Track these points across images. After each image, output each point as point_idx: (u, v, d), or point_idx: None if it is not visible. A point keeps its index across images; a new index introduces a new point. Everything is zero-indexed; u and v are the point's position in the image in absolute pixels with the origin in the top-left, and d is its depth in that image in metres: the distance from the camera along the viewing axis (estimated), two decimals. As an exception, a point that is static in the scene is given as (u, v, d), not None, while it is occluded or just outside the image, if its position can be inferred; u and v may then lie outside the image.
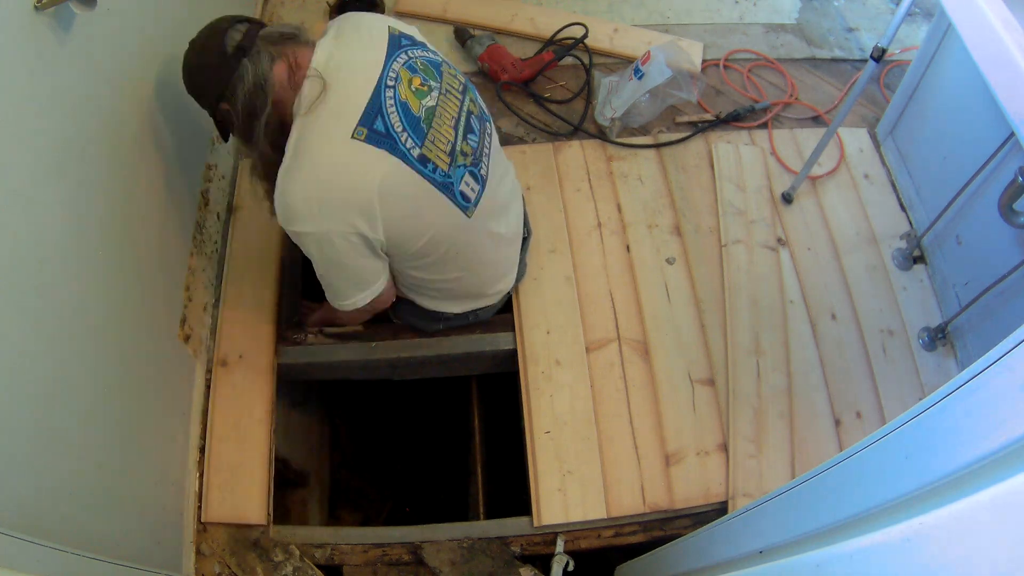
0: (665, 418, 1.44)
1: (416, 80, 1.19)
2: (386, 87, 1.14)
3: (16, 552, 0.73)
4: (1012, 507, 0.43)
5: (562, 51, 1.95)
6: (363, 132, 1.10)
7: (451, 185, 1.21)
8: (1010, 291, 1.36)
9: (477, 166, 1.26)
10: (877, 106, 1.92)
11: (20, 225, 0.85)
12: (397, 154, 1.13)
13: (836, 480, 0.68)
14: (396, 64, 1.17)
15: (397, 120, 1.13)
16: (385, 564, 1.33)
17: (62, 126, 0.95)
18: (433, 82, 1.21)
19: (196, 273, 1.43)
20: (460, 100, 1.25)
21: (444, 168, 1.19)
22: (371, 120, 1.11)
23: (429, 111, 1.18)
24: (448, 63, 1.29)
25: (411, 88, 1.17)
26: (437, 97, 1.20)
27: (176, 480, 1.28)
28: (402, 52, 1.20)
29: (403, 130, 1.14)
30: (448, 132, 1.20)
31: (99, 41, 1.05)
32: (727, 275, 1.61)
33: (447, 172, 1.20)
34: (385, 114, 1.12)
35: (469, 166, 1.24)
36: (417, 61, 1.21)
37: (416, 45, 1.25)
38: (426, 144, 1.16)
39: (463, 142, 1.23)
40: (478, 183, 1.26)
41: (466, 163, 1.23)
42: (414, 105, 1.16)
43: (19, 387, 0.83)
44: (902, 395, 1.49)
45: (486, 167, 1.29)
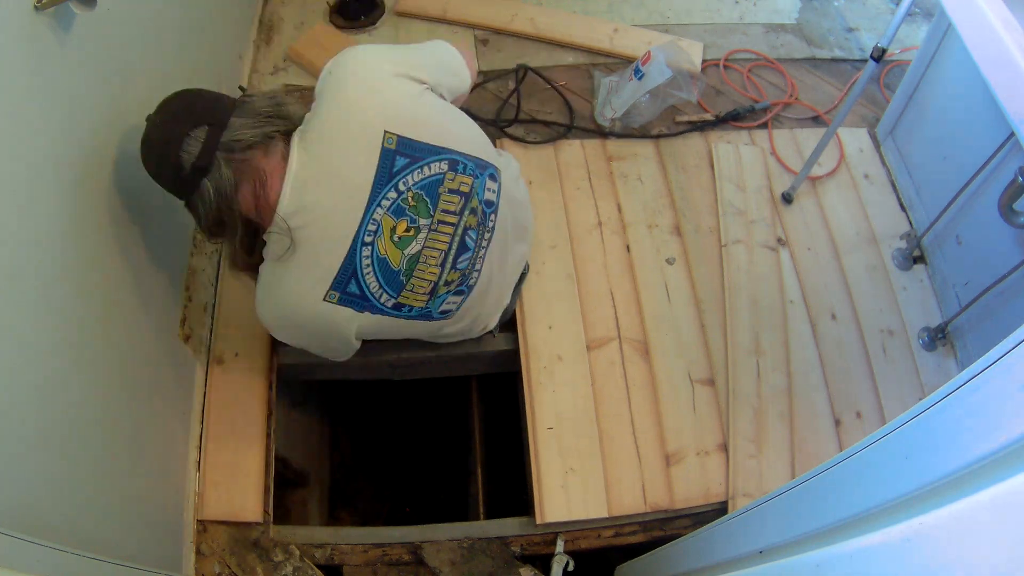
0: (665, 418, 1.44)
1: (401, 225, 1.08)
2: (363, 244, 1.05)
3: (16, 552, 0.73)
4: (1012, 507, 0.43)
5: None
6: (335, 296, 1.08)
7: (429, 313, 1.22)
8: (1010, 291, 1.36)
9: (465, 282, 1.23)
10: (877, 106, 1.92)
11: (20, 224, 0.85)
12: (372, 310, 1.13)
13: (836, 480, 0.68)
14: (379, 211, 1.05)
15: (373, 279, 1.10)
16: (385, 564, 1.33)
17: (62, 126, 0.95)
18: (423, 219, 1.10)
19: (196, 273, 1.43)
20: (455, 224, 1.14)
21: (421, 306, 1.19)
22: (344, 284, 1.07)
23: (412, 260, 1.11)
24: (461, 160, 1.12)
25: (393, 238, 1.08)
26: (424, 239, 1.11)
27: (176, 480, 1.28)
28: (391, 186, 1.05)
29: (379, 288, 1.11)
30: (432, 272, 1.15)
31: (99, 41, 1.05)
32: (727, 275, 1.61)
33: (424, 307, 1.20)
34: (360, 276, 1.07)
35: (453, 291, 1.22)
36: (409, 197, 1.07)
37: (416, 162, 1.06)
38: (403, 294, 1.15)
39: (450, 271, 1.18)
40: (462, 296, 1.26)
41: (450, 289, 1.21)
42: (394, 259, 1.09)
43: (19, 387, 0.83)
44: (902, 395, 1.49)
45: (478, 274, 1.25)
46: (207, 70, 1.58)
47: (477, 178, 1.16)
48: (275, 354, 1.49)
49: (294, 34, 1.99)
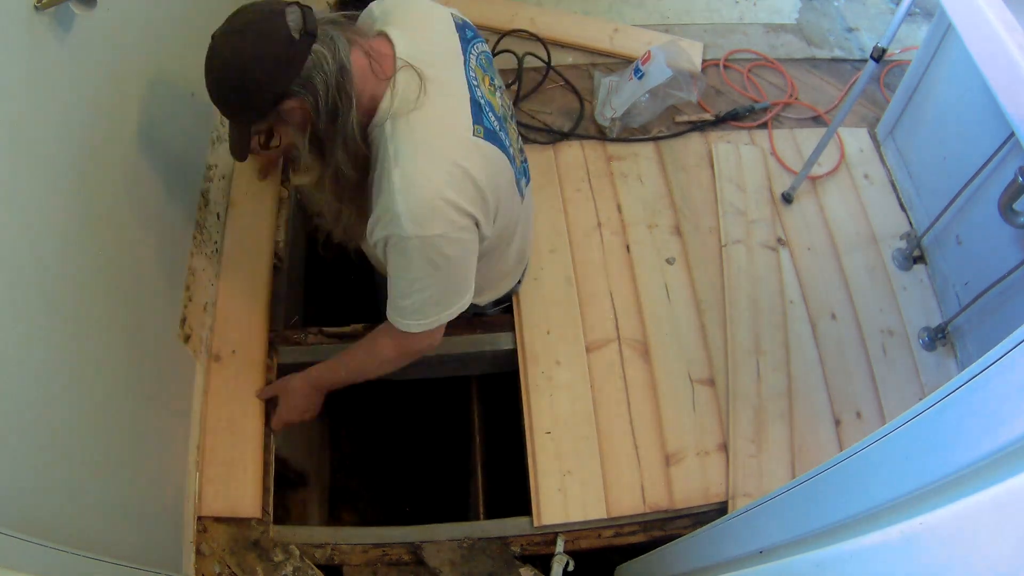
0: (665, 418, 1.44)
1: (487, 79, 1.11)
2: (473, 87, 1.04)
3: (16, 552, 0.73)
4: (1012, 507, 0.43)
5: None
6: (480, 130, 1.01)
7: (520, 179, 1.19)
8: (1010, 291, 1.36)
9: (525, 163, 1.26)
10: (877, 106, 1.92)
11: (19, 225, 0.85)
12: (505, 152, 1.07)
13: (836, 480, 0.68)
14: (472, 61, 1.07)
15: (494, 119, 1.06)
16: (385, 564, 1.33)
17: (62, 126, 0.95)
18: (497, 80, 1.15)
19: (196, 273, 1.43)
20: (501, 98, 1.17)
21: (518, 164, 1.17)
22: (480, 117, 1.02)
23: (504, 110, 1.13)
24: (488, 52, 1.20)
25: (488, 88, 1.09)
26: (500, 97, 1.14)
27: (176, 480, 1.28)
28: (471, 46, 1.10)
29: (499, 128, 1.07)
30: (514, 130, 1.18)
31: (99, 41, 1.05)
32: (727, 275, 1.61)
33: (520, 169, 1.18)
34: (485, 112, 1.04)
35: (524, 164, 1.24)
36: (482, 58, 1.12)
37: (477, 38, 1.14)
38: (511, 144, 1.12)
39: (518, 139, 1.21)
40: (525, 176, 1.26)
41: (523, 160, 1.23)
42: (496, 105, 1.10)
43: (19, 387, 0.83)
44: (902, 395, 1.49)
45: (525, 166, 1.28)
46: (207, 70, 1.58)
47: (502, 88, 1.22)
48: (275, 353, 1.49)
49: (294, 34, 1.99)
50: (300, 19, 0.93)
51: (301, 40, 0.92)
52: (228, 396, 1.42)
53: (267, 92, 0.94)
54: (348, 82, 0.95)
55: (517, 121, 1.31)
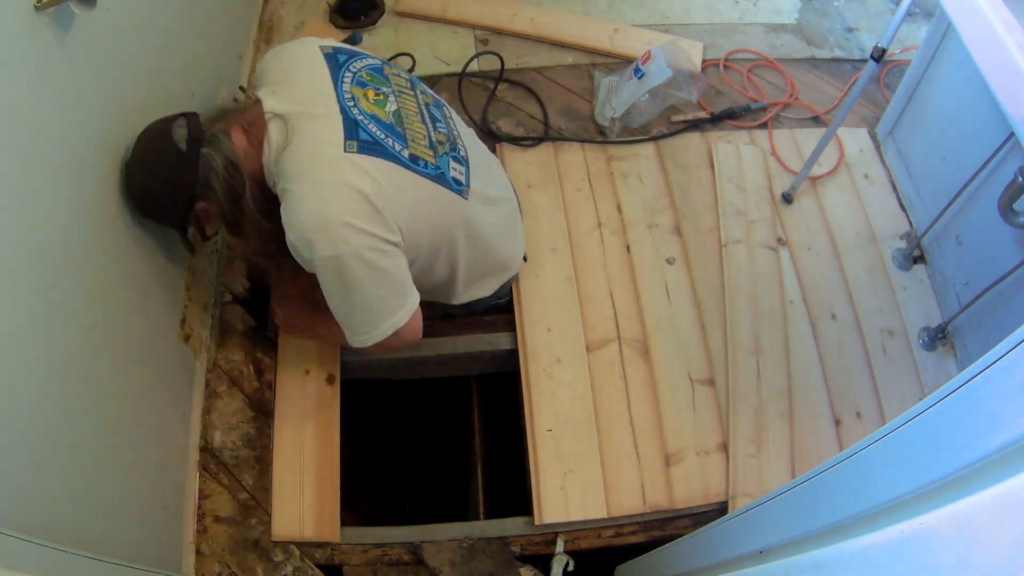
0: (665, 418, 1.44)
1: (370, 92, 1.17)
2: (349, 107, 1.12)
3: (16, 552, 0.73)
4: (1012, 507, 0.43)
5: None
6: (353, 144, 1.08)
7: (443, 175, 1.20)
8: (1010, 291, 1.36)
9: (456, 149, 1.26)
10: (877, 106, 1.92)
11: (19, 224, 0.85)
12: (390, 158, 1.11)
13: (836, 480, 0.68)
14: (345, 85, 1.15)
15: (376, 129, 1.12)
16: (385, 564, 1.33)
17: (62, 126, 0.95)
18: (385, 88, 1.20)
19: (196, 273, 1.43)
20: (414, 95, 1.25)
21: (432, 160, 1.18)
22: (354, 133, 1.09)
23: (395, 114, 1.17)
24: (388, 63, 1.27)
25: (371, 101, 1.15)
26: (395, 100, 1.19)
27: (176, 480, 1.28)
28: (344, 70, 1.17)
29: (385, 136, 1.12)
30: (419, 127, 1.20)
31: (99, 41, 1.05)
32: (727, 275, 1.61)
33: (435, 164, 1.19)
34: (363, 126, 1.11)
35: (449, 152, 1.24)
36: (363, 74, 1.19)
37: (354, 56, 1.22)
38: (409, 143, 1.15)
39: (435, 131, 1.23)
40: (462, 164, 1.26)
41: (446, 150, 1.23)
42: (381, 114, 1.15)
43: (19, 386, 0.83)
44: (902, 395, 1.49)
45: (463, 147, 1.29)
46: (207, 70, 1.58)
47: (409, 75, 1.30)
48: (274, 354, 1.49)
49: (294, 34, 1.99)
50: (185, 130, 1.07)
51: (188, 150, 1.06)
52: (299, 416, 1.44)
53: (176, 205, 1.10)
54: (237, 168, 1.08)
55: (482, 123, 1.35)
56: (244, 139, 1.10)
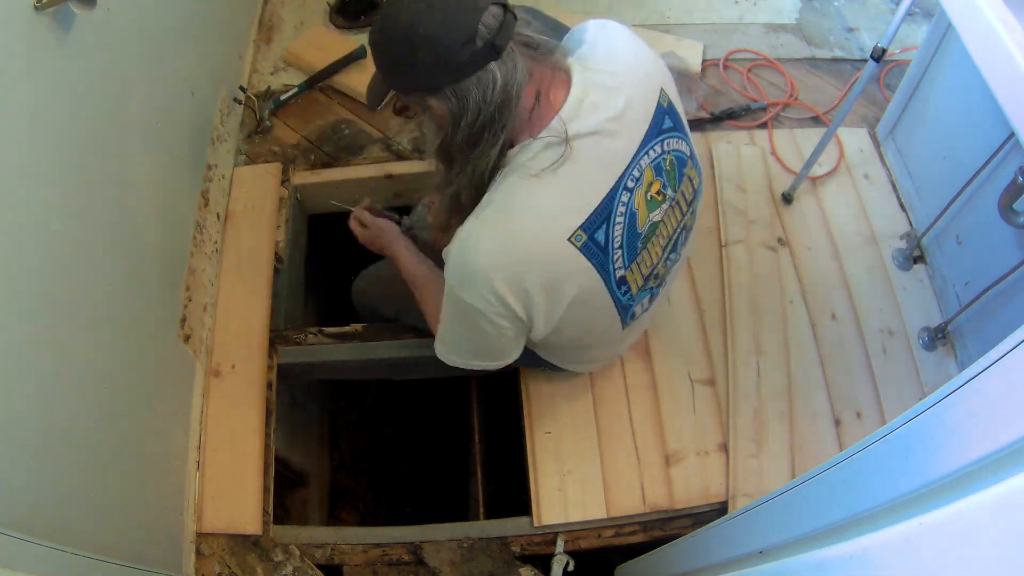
0: (665, 418, 1.44)
1: (656, 186, 0.96)
2: (624, 189, 0.92)
3: (16, 552, 0.73)
4: (1012, 507, 0.43)
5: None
6: (582, 238, 0.90)
7: (631, 307, 1.06)
8: (1010, 291, 1.36)
9: (661, 286, 1.11)
10: (877, 106, 1.92)
11: (19, 225, 0.85)
12: (603, 273, 0.95)
13: (836, 480, 0.68)
14: (645, 159, 0.94)
15: (619, 234, 0.94)
16: (385, 564, 1.33)
17: (62, 126, 0.95)
18: (670, 191, 0.99)
19: (196, 273, 1.43)
20: (684, 214, 1.04)
21: (634, 292, 1.03)
22: (594, 227, 0.91)
23: (652, 227, 0.98)
24: (694, 156, 1.05)
25: (647, 196, 0.95)
26: (665, 211, 0.99)
27: (176, 480, 1.28)
28: (659, 142, 0.96)
29: (619, 247, 0.95)
30: (657, 253, 1.02)
31: (99, 41, 1.05)
32: (727, 275, 1.60)
33: (634, 295, 1.04)
34: (611, 224, 0.92)
35: (654, 287, 1.08)
36: (667, 159, 0.98)
37: (677, 131, 1.00)
38: (631, 266, 0.99)
39: (662, 264, 1.05)
40: (651, 302, 1.12)
41: (654, 286, 1.07)
42: (641, 218, 0.96)
43: (19, 387, 0.83)
44: (902, 395, 1.49)
45: (668, 284, 1.14)
46: (207, 70, 1.58)
47: (700, 179, 1.08)
48: (275, 354, 1.49)
49: (294, 34, 1.99)
50: (495, 26, 0.83)
51: (482, 50, 0.82)
52: (228, 412, 1.42)
53: (421, 77, 0.86)
54: (505, 118, 0.86)
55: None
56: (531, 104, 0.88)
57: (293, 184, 1.70)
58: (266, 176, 1.68)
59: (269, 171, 1.69)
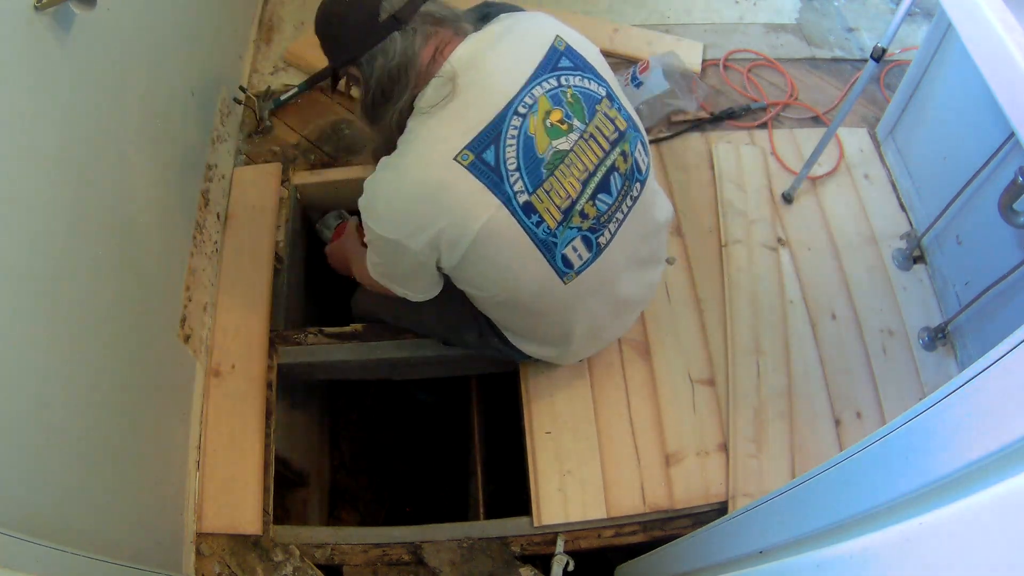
0: (665, 418, 1.44)
1: (556, 114, 1.02)
2: (515, 113, 0.99)
3: (16, 552, 0.73)
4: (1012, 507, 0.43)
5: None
6: (468, 157, 0.97)
7: (552, 244, 1.05)
8: (1010, 291, 1.36)
9: (597, 232, 1.09)
10: (877, 106, 1.92)
11: (19, 225, 0.85)
12: (499, 194, 0.98)
13: (836, 480, 0.68)
14: (538, 89, 1.01)
15: (513, 156, 0.99)
16: (385, 564, 1.33)
17: (62, 126, 0.95)
18: (577, 121, 1.04)
19: (196, 273, 1.43)
20: (605, 151, 1.07)
21: (551, 225, 1.03)
22: (482, 147, 0.97)
23: (557, 155, 1.02)
24: (615, 100, 1.10)
25: (545, 123, 1.01)
26: (575, 141, 1.03)
27: (176, 480, 1.28)
28: (554, 76, 1.03)
29: (516, 169, 0.99)
30: (572, 186, 1.03)
31: (99, 41, 1.05)
32: (727, 275, 1.61)
33: (552, 230, 1.04)
34: (501, 143, 0.98)
35: (584, 230, 1.07)
36: (568, 91, 1.04)
37: (579, 70, 1.07)
38: (538, 192, 1.01)
39: (587, 202, 1.06)
40: (589, 250, 1.09)
41: (581, 226, 1.06)
42: (540, 144, 1.01)
43: (19, 387, 0.83)
44: (902, 395, 1.49)
45: (609, 234, 1.11)
46: (207, 70, 1.58)
47: (632, 129, 1.12)
48: (275, 354, 1.49)
49: (294, 34, 1.99)
50: (399, 2, 1.00)
51: (385, 23, 1.00)
52: (228, 412, 1.42)
53: (342, 50, 1.05)
54: (406, 75, 1.01)
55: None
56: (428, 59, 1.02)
57: (293, 184, 1.70)
58: (266, 176, 1.68)
59: (269, 171, 1.69)
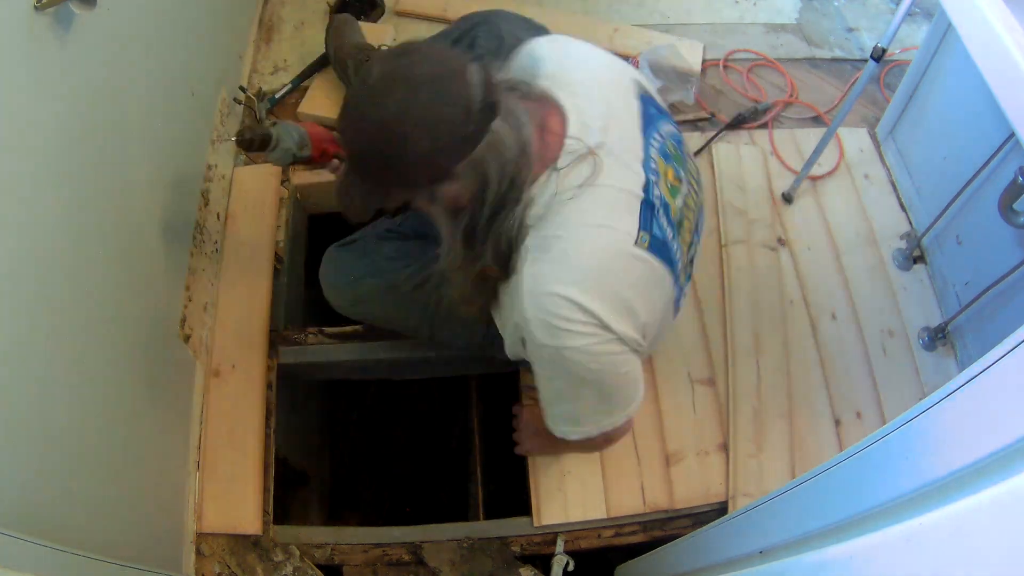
0: (665, 418, 1.44)
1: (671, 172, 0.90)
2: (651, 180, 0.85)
3: (16, 552, 0.73)
4: (1012, 507, 0.43)
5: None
6: (646, 238, 0.83)
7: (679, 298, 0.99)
8: (1010, 291, 1.36)
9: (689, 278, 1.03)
10: (877, 106, 1.92)
11: (19, 225, 0.85)
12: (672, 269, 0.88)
13: (836, 480, 0.68)
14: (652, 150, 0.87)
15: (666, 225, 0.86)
16: (385, 564, 1.33)
17: (61, 126, 0.95)
18: (683, 172, 0.93)
19: (196, 273, 1.43)
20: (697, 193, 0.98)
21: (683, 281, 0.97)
22: (649, 222, 0.84)
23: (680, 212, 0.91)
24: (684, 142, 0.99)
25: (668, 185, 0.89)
26: (685, 195, 0.93)
27: (176, 480, 1.28)
28: (655, 129, 0.90)
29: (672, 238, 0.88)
30: (686, 240, 0.94)
31: (99, 41, 1.05)
32: (727, 275, 1.61)
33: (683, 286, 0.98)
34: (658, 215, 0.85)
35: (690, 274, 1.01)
36: (669, 144, 0.92)
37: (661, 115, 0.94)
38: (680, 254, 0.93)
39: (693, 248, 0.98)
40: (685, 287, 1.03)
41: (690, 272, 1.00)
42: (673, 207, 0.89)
43: (18, 386, 0.83)
44: (902, 395, 1.49)
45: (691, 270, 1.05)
46: (207, 70, 1.58)
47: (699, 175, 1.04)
48: (275, 354, 1.49)
49: (294, 34, 1.99)
50: (482, 84, 0.74)
51: (481, 113, 0.74)
52: (228, 412, 1.41)
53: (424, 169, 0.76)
54: (526, 172, 0.78)
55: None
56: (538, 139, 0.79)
57: (293, 184, 1.70)
58: (266, 176, 1.68)
59: (269, 171, 1.69)
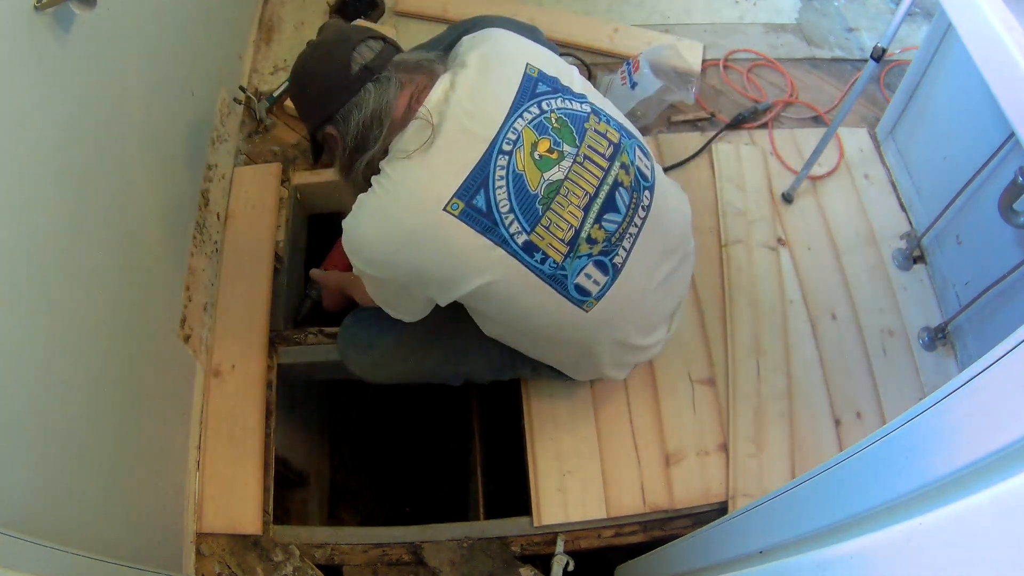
0: (665, 418, 1.44)
1: (543, 144, 0.99)
2: (499, 152, 0.96)
3: (16, 552, 0.73)
4: (1012, 507, 0.43)
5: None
6: (458, 206, 0.95)
7: (562, 277, 1.02)
8: (1010, 291, 1.36)
9: (609, 254, 1.05)
10: (877, 106, 1.92)
11: (19, 225, 0.85)
12: (495, 238, 0.96)
13: (836, 480, 0.68)
14: (520, 121, 0.98)
15: (504, 197, 0.96)
16: (385, 564, 1.33)
17: (62, 126, 0.95)
18: (568, 146, 1.01)
19: (196, 273, 1.43)
20: (604, 170, 1.03)
21: (556, 259, 1.00)
22: (471, 193, 0.95)
23: (551, 188, 0.99)
24: (601, 114, 1.07)
25: (534, 155, 0.98)
26: (568, 168, 1.00)
27: (176, 480, 1.28)
28: (534, 103, 1.01)
29: (509, 211, 0.96)
30: (572, 215, 1.00)
31: (99, 41, 1.05)
32: (727, 275, 1.61)
33: (560, 263, 1.01)
34: (491, 187, 0.96)
35: (596, 255, 1.03)
36: (552, 116, 1.01)
37: (559, 92, 1.04)
38: (537, 230, 0.98)
39: (594, 226, 1.02)
40: (605, 274, 1.05)
41: (591, 252, 1.03)
42: (532, 179, 0.98)
43: (19, 386, 0.83)
44: (902, 395, 1.49)
45: (625, 252, 1.07)
46: (207, 70, 1.58)
47: (626, 138, 1.08)
48: (275, 354, 1.49)
49: (294, 34, 1.99)
50: (370, 55, 1.02)
51: (357, 75, 1.00)
52: (228, 412, 1.42)
53: (314, 111, 1.06)
54: (380, 125, 1.01)
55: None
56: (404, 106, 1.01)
57: (293, 184, 1.70)
58: (266, 176, 1.68)
59: (269, 171, 1.69)
